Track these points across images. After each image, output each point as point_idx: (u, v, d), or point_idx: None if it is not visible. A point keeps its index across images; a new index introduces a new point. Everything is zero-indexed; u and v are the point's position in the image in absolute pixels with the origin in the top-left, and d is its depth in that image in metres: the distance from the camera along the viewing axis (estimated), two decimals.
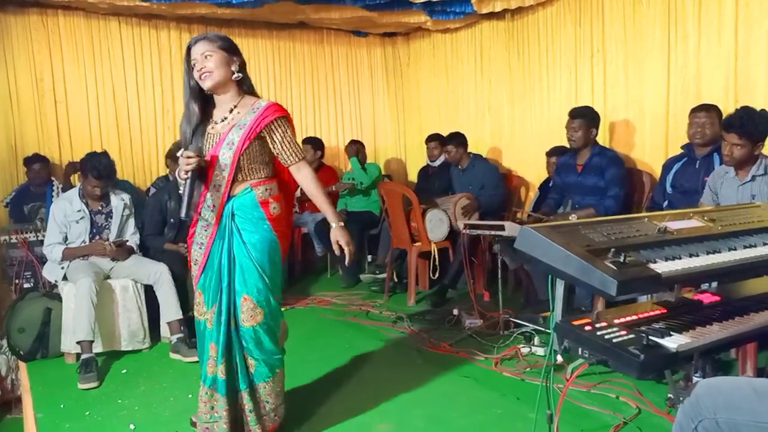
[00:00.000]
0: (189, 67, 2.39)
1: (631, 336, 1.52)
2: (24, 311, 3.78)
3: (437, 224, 4.73)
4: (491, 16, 5.57)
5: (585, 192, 4.08)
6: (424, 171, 5.88)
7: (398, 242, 4.90)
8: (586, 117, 4.07)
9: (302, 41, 6.53)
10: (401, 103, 7.09)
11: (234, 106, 2.42)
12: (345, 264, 2.73)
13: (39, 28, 5.27)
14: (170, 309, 3.84)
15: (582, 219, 1.85)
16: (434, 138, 5.63)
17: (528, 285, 4.36)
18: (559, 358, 2.89)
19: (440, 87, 6.48)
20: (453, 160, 5.20)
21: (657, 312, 1.72)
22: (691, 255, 1.73)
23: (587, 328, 1.58)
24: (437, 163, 5.61)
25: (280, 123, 2.40)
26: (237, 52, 2.42)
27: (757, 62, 3.71)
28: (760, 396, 1.39)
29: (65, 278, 3.85)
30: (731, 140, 3.01)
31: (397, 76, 7.08)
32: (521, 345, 3.54)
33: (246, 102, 2.42)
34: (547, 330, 3.36)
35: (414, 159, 6.90)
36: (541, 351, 3.44)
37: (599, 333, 1.55)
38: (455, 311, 4.20)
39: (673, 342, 1.49)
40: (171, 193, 4.25)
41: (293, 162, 2.45)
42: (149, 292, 3.94)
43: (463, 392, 3.04)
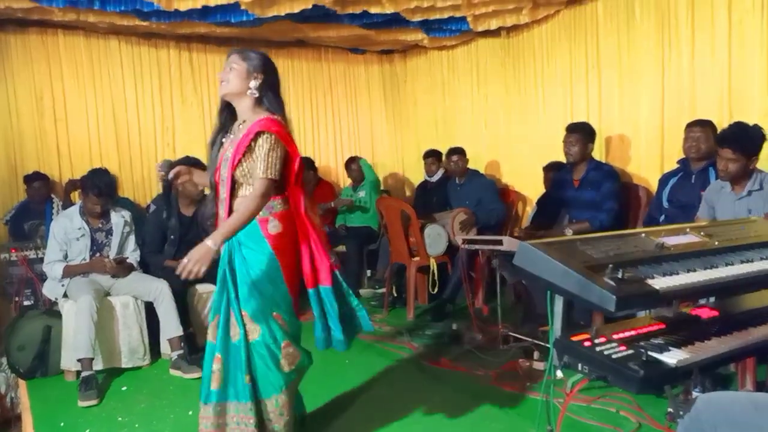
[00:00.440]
0: None
1: (630, 352, 1.54)
2: (24, 329, 3.77)
3: (436, 239, 4.74)
4: (487, 34, 5.64)
5: (581, 207, 4.11)
6: (422, 186, 5.91)
7: (397, 257, 4.91)
8: (584, 132, 4.12)
9: (300, 59, 6.59)
10: (399, 120, 7.13)
11: (243, 121, 2.44)
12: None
13: (39, 47, 5.31)
14: (170, 326, 3.84)
15: (577, 233, 1.87)
16: (432, 154, 5.66)
17: (526, 299, 4.36)
18: (559, 374, 2.89)
19: (437, 103, 6.54)
20: (455, 172, 5.21)
21: (655, 327, 1.74)
22: (689, 270, 1.75)
23: (586, 344, 1.59)
24: (435, 179, 5.64)
25: (260, 137, 2.32)
26: (263, 71, 2.41)
27: (751, 78, 3.76)
28: (760, 410, 1.40)
29: (65, 296, 3.85)
30: (725, 155, 3.04)
31: (395, 93, 7.13)
32: (521, 359, 3.55)
33: (253, 117, 2.40)
34: (546, 344, 3.37)
35: (412, 174, 6.94)
36: (541, 366, 3.44)
37: (598, 349, 1.57)
38: (454, 326, 4.20)
39: (673, 357, 1.51)
40: (171, 210, 4.26)
41: (258, 176, 2.29)
42: (149, 309, 3.94)
43: (463, 407, 3.04)
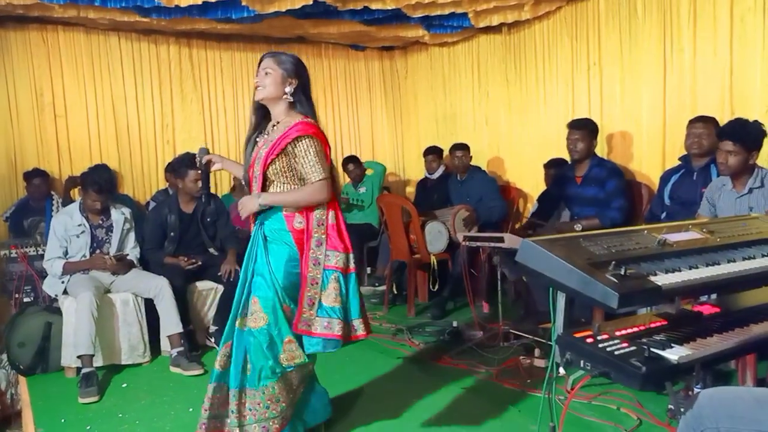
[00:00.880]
0: None
1: (633, 348, 1.53)
2: (24, 326, 3.77)
3: (436, 236, 4.74)
4: (488, 30, 5.62)
5: (584, 203, 4.09)
6: (423, 183, 5.90)
7: (397, 254, 4.91)
8: (588, 128, 4.10)
9: (301, 55, 6.33)
10: (399, 116, 7.13)
11: (278, 122, 2.51)
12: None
13: (39, 44, 5.31)
14: (170, 322, 3.84)
15: (587, 228, 1.86)
16: (432, 150, 5.65)
17: (527, 296, 4.36)
18: (562, 371, 2.89)
19: (438, 100, 6.53)
20: (459, 167, 5.19)
21: (657, 324, 1.74)
22: (691, 267, 1.74)
23: (589, 341, 1.59)
24: (436, 176, 5.64)
25: (302, 141, 2.41)
26: (298, 75, 2.51)
27: (752, 75, 3.75)
28: (762, 405, 1.40)
29: (66, 292, 3.85)
30: (725, 147, 3.05)
31: (395, 90, 7.13)
32: (522, 356, 3.54)
33: (288, 120, 2.48)
34: (547, 341, 3.37)
35: (412, 172, 6.94)
36: (542, 363, 3.44)
37: (601, 345, 1.56)
38: (455, 323, 4.20)
39: (675, 354, 1.51)
40: (171, 207, 4.26)
41: (312, 180, 2.44)
42: (149, 306, 3.94)
43: (464, 404, 3.04)
